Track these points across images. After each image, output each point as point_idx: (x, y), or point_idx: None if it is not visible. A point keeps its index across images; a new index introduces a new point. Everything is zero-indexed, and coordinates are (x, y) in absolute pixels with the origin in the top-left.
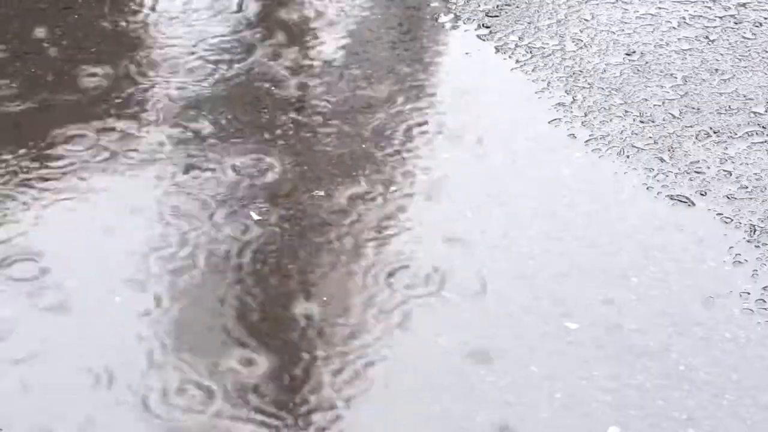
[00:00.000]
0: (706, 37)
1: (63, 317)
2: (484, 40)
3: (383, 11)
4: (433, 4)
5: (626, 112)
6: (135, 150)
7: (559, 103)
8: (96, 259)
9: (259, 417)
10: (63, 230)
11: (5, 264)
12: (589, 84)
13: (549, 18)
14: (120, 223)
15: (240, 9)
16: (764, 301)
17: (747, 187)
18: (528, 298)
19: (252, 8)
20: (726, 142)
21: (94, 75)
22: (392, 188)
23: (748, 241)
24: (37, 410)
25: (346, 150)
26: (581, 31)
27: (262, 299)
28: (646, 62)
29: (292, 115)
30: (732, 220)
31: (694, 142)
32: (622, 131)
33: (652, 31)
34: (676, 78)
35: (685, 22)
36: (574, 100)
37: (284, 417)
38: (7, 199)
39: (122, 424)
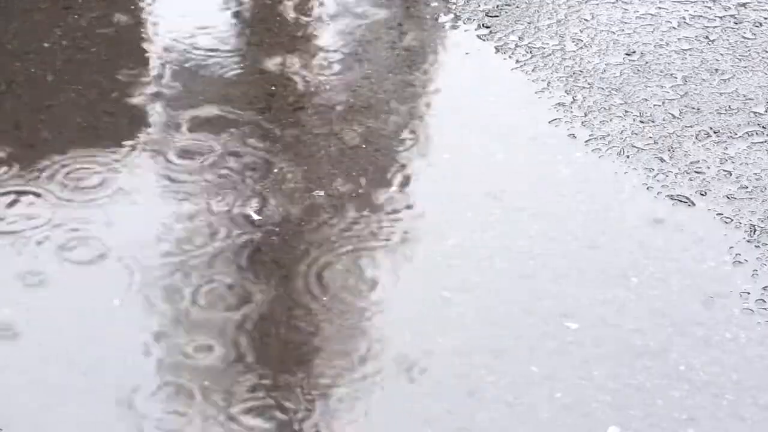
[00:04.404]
0: (706, 37)
1: None
2: (484, 40)
3: (383, 11)
4: (433, 4)
5: (626, 112)
6: (132, 149)
7: (559, 103)
8: None
9: (256, 411)
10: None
11: None
12: (589, 84)
13: (549, 18)
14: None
15: (239, 9)
16: (764, 301)
17: (747, 187)
18: (528, 298)
19: (251, 8)
20: (726, 142)
21: (92, 76)
22: (392, 188)
23: (748, 241)
24: (38, 410)
25: (346, 150)
26: (581, 31)
27: (262, 299)
28: (646, 62)
29: (293, 115)
30: (732, 220)
31: (694, 142)
32: (622, 131)
33: (652, 31)
34: (676, 78)
35: (685, 22)
36: (574, 100)
37: (280, 413)
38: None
39: None
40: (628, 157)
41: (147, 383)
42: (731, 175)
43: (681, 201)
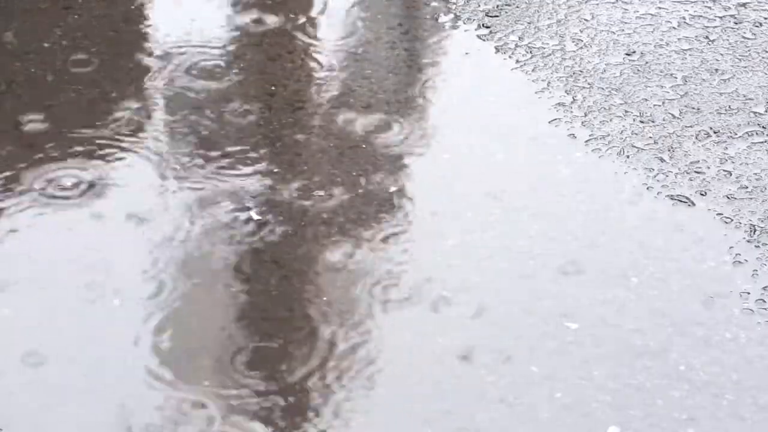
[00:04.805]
0: (706, 37)
1: None
2: (484, 40)
3: (383, 11)
4: (433, 4)
5: (626, 112)
6: (133, 149)
7: (559, 103)
8: None
9: (256, 411)
10: None
11: None
12: (589, 84)
13: (549, 18)
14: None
15: (239, 8)
16: (764, 301)
17: (747, 187)
18: (528, 298)
19: (251, 8)
20: (726, 142)
21: (92, 76)
22: (392, 188)
23: (748, 241)
24: (38, 410)
25: (346, 150)
26: (581, 31)
27: (263, 299)
28: (646, 62)
29: (293, 115)
30: (732, 220)
31: (694, 142)
32: (622, 131)
33: (652, 31)
34: (676, 78)
35: (685, 22)
36: (574, 100)
37: (280, 413)
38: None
39: None
40: (628, 157)
41: (147, 383)
42: (731, 175)
43: (681, 201)
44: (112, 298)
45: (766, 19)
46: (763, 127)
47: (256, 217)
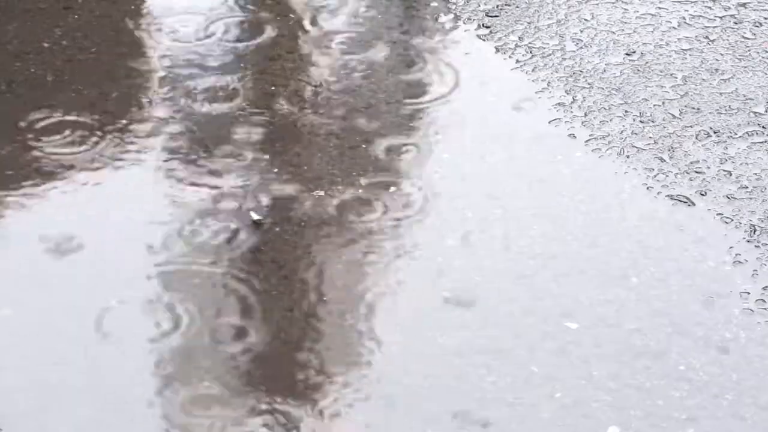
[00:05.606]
0: (706, 37)
1: None
2: (484, 40)
3: (383, 11)
4: (433, 4)
5: (626, 112)
6: (133, 150)
7: (559, 103)
8: None
9: (256, 411)
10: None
11: None
12: (589, 84)
13: (549, 18)
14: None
15: (240, 9)
16: (764, 301)
17: (747, 187)
18: (528, 298)
19: (252, 8)
20: (726, 142)
21: (92, 76)
22: (392, 188)
23: (748, 241)
24: (38, 410)
25: (346, 150)
26: (581, 31)
27: (263, 299)
28: (646, 62)
29: (292, 115)
30: (732, 220)
31: (694, 142)
32: (622, 131)
33: (652, 31)
34: (676, 78)
35: (685, 22)
36: (574, 100)
37: (281, 413)
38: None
39: None
40: (628, 157)
41: (147, 383)
42: (731, 175)
43: (681, 201)
44: (110, 298)
45: (766, 19)
46: (763, 127)
47: (255, 217)
